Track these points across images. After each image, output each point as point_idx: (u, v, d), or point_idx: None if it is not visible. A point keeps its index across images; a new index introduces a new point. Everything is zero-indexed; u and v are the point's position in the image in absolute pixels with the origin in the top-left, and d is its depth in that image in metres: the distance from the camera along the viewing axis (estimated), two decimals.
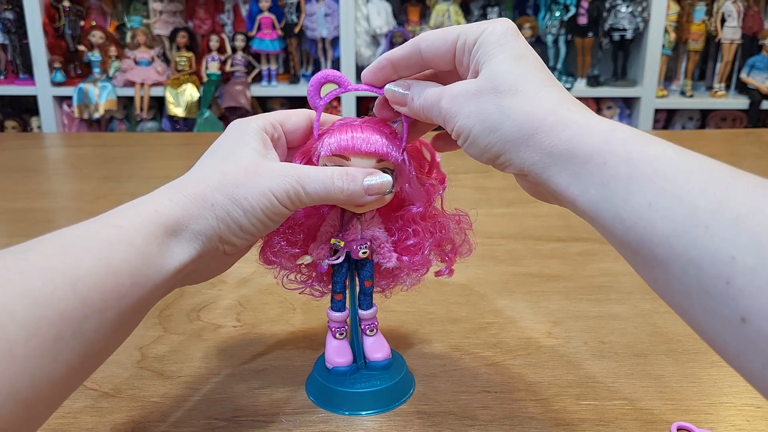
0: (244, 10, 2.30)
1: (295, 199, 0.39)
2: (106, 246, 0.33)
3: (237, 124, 0.42)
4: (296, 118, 0.44)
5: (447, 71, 0.41)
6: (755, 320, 0.26)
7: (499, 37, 0.37)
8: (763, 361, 0.26)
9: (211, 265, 0.40)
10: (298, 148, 0.45)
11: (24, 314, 0.29)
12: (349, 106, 2.23)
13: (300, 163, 0.44)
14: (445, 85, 0.40)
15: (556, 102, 0.35)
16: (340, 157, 0.41)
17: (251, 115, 0.45)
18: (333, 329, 0.48)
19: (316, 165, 0.43)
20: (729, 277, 0.27)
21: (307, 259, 0.44)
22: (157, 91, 2.22)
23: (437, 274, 0.48)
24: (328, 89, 0.43)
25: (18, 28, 2.20)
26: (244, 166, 0.39)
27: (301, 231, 0.45)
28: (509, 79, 0.36)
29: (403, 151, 0.43)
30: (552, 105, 0.35)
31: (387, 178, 0.41)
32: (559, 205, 0.37)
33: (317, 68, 2.33)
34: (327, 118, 0.44)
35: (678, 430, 0.45)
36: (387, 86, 0.42)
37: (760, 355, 0.26)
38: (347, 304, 0.48)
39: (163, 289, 0.36)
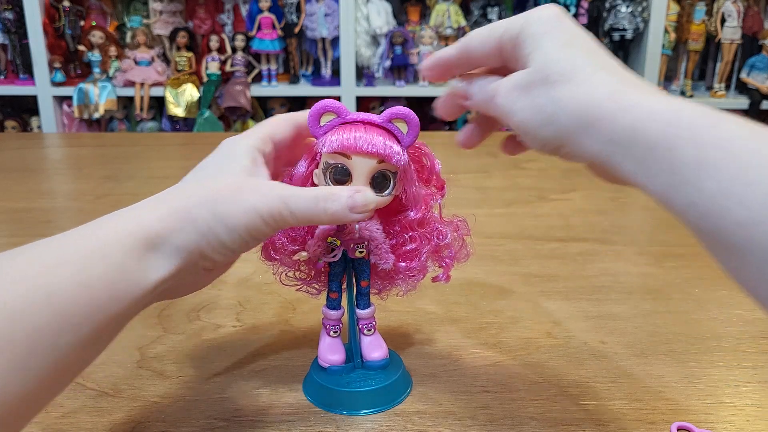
0: (244, 10, 2.30)
1: (279, 218, 0.37)
2: (83, 259, 0.32)
3: (228, 142, 0.41)
4: (284, 126, 0.43)
5: (501, 67, 0.39)
6: None
7: (543, 26, 0.35)
8: None
9: (190, 280, 0.39)
10: (284, 158, 0.44)
11: None
12: (350, 106, 2.23)
13: (306, 162, 0.44)
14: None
15: (613, 85, 0.33)
16: (342, 155, 0.41)
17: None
18: (327, 327, 0.48)
19: (318, 161, 0.43)
20: None
21: (303, 255, 0.44)
22: (157, 91, 2.22)
23: (434, 279, 0.48)
24: (327, 118, 0.43)
25: (18, 28, 2.20)
26: (230, 183, 0.38)
27: (301, 228, 0.45)
28: (559, 68, 0.34)
29: (405, 154, 0.42)
30: (608, 89, 0.33)
31: (371, 195, 0.39)
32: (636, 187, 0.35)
33: (317, 68, 2.33)
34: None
35: (678, 430, 0.45)
36: (450, 82, 0.41)
37: None
38: (343, 303, 0.48)
39: (140, 303, 0.35)
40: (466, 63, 0.40)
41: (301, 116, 0.45)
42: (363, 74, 2.28)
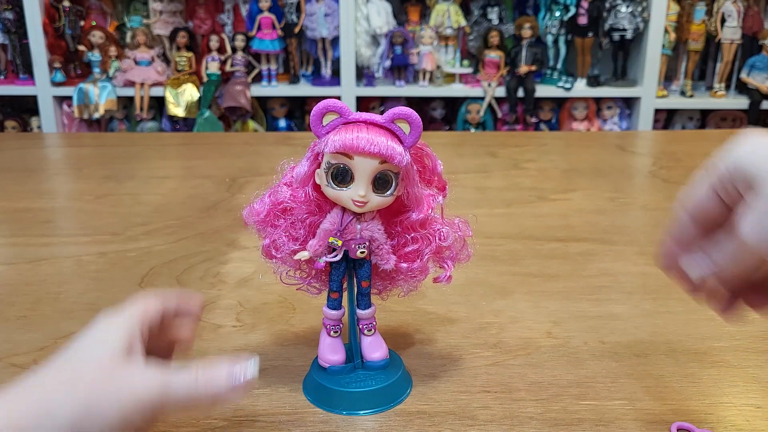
0: (244, 10, 2.29)
1: (158, 406, 0.35)
2: None
3: (101, 321, 0.38)
4: (154, 307, 0.40)
5: (722, 218, 0.37)
6: None
7: (762, 145, 0.34)
8: None
9: None
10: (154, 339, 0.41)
11: None
12: (350, 106, 2.23)
13: (308, 162, 0.44)
14: None
15: None
16: (344, 155, 0.41)
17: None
18: (328, 327, 0.48)
19: (320, 161, 0.43)
20: None
21: (304, 255, 0.44)
22: (157, 91, 2.22)
23: (435, 280, 0.48)
24: (330, 118, 0.43)
25: (18, 28, 2.20)
26: (103, 370, 0.35)
27: (303, 227, 0.45)
28: None
29: (407, 155, 0.42)
30: None
31: (252, 369, 0.37)
32: None
33: (317, 68, 2.33)
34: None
35: (678, 430, 0.45)
36: (686, 264, 0.39)
37: None
38: (344, 303, 0.48)
39: None
40: (693, 230, 0.38)
41: (169, 299, 0.42)
42: (363, 74, 2.28)
